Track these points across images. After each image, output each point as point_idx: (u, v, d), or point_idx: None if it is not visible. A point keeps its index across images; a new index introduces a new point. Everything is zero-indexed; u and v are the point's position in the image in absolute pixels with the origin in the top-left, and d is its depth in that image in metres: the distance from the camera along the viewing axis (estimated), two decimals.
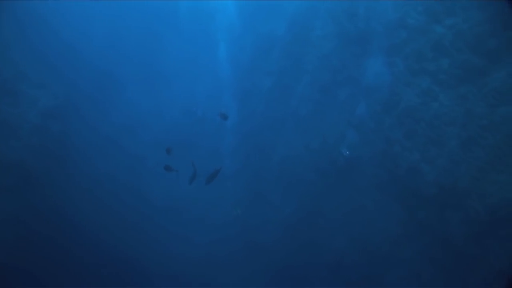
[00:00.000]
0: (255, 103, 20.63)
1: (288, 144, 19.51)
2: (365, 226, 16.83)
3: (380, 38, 16.60)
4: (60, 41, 19.81)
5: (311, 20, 18.76)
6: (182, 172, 16.32)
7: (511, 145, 12.72)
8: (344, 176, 17.65)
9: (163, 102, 21.94)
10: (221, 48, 21.54)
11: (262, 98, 20.37)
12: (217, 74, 21.64)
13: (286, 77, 19.58)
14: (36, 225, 17.86)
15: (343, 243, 17.48)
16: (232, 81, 21.28)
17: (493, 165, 13.05)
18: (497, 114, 13.02)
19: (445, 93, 14.46)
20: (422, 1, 15.15)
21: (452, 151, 14.08)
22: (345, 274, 17.25)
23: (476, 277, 13.19)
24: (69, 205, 19.24)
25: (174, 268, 20.07)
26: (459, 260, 13.69)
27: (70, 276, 18.37)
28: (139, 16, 21.34)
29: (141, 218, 20.66)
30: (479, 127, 13.44)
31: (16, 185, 17.40)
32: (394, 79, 16.01)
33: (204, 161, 20.47)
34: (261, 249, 19.89)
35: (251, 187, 20.77)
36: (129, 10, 21.07)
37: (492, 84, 13.20)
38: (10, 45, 18.09)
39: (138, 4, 20.90)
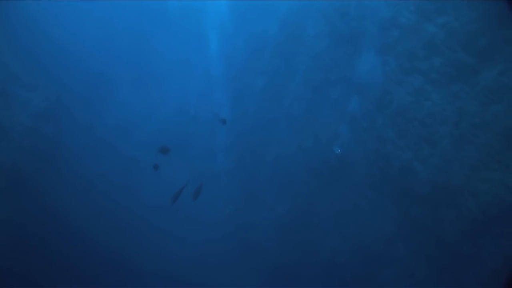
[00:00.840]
0: (247, 103, 20.62)
1: (281, 143, 19.52)
2: (358, 225, 16.84)
3: (372, 37, 16.60)
4: (51, 43, 19.74)
5: (303, 20, 18.78)
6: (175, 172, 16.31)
7: (503, 143, 12.75)
8: (337, 176, 17.66)
9: (155, 103, 21.91)
10: (213, 48, 21.48)
11: (255, 98, 20.37)
12: (209, 74, 21.59)
13: (278, 77, 19.60)
14: (29, 227, 17.79)
15: (337, 242, 17.50)
16: (224, 81, 21.23)
17: (486, 163, 13.09)
18: (489, 112, 13.06)
19: (437, 92, 14.50)
20: (414, 0, 15.19)
21: (445, 150, 14.11)
22: (339, 273, 17.26)
23: (470, 275, 13.22)
24: (62, 206, 19.18)
25: (168, 268, 20.03)
26: (453, 258, 13.73)
27: (64, 277, 18.31)
28: (130, 16, 21.29)
29: (134, 218, 20.63)
30: (472, 125, 13.47)
31: (9, 188, 17.32)
32: (386, 78, 16.02)
33: (197, 161, 20.54)
34: (255, 249, 19.89)
35: (245, 187, 20.76)
36: (120, 11, 21.00)
37: (484, 83, 13.24)
38: (0, 47, 17.99)
39: (129, 5, 20.83)
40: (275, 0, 19.54)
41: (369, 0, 16.63)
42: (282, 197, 19.37)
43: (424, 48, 14.87)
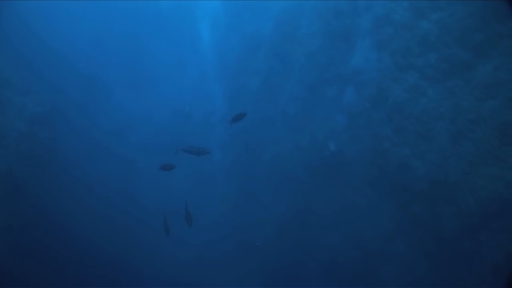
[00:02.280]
0: (243, 102, 20.60)
1: (277, 142, 19.51)
2: (357, 223, 16.82)
3: (367, 34, 16.62)
4: (44, 46, 19.66)
5: (297, 19, 18.81)
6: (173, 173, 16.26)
7: (500, 138, 12.74)
8: (335, 174, 17.64)
9: (151, 105, 21.89)
10: (208, 49, 21.45)
11: (251, 97, 20.38)
12: (204, 74, 21.58)
13: (273, 76, 19.60)
14: (27, 232, 17.69)
15: (336, 240, 17.47)
16: (220, 81, 21.23)
17: (483, 159, 13.08)
18: (485, 107, 13.06)
19: (433, 88, 14.50)
20: None
21: (442, 146, 14.10)
22: (339, 271, 17.24)
23: (469, 270, 13.22)
24: (60, 211, 19.10)
25: (167, 270, 20.05)
26: (453, 254, 13.71)
27: (62, 281, 18.24)
28: (122, 18, 21.27)
29: (133, 221, 20.61)
30: (468, 121, 13.47)
31: (6, 193, 17.18)
32: (381, 75, 16.03)
33: (194, 161, 20.45)
34: (254, 249, 19.86)
35: (242, 187, 20.75)
36: (112, 13, 20.95)
37: (479, 78, 13.24)
38: None
39: (122, 7, 20.77)
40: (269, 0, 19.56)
41: None
42: (280, 196, 19.34)
43: (419, 44, 14.88)
